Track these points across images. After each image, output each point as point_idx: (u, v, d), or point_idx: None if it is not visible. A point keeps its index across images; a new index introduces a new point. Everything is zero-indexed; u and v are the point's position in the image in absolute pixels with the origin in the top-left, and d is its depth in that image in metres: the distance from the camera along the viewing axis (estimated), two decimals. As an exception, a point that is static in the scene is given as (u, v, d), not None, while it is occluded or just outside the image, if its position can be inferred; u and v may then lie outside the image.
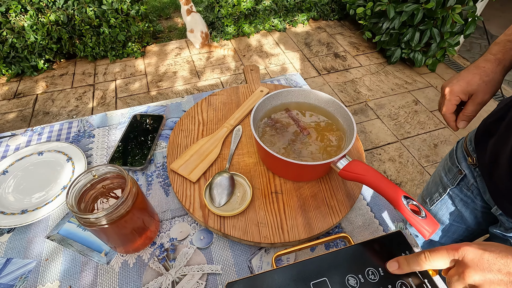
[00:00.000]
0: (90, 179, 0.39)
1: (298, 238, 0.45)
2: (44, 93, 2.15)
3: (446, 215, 0.67)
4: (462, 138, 0.65)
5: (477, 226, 0.64)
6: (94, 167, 0.39)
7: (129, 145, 0.61)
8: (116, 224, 0.38)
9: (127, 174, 0.38)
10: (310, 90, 0.58)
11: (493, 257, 0.31)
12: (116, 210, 0.36)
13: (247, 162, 0.55)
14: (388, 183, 0.40)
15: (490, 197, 0.55)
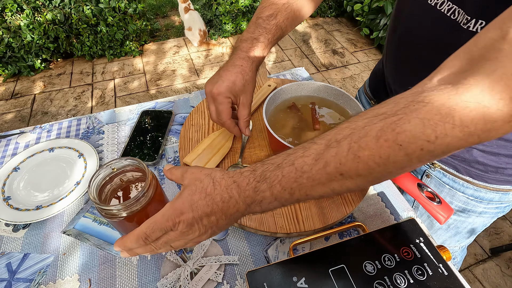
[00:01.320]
0: (109, 173, 0.40)
1: (313, 228, 0.46)
2: (42, 93, 2.13)
3: None
4: (362, 86, 0.74)
5: None
6: (113, 160, 0.39)
7: (140, 140, 0.61)
8: (136, 216, 0.38)
9: (146, 167, 0.38)
10: (320, 83, 0.58)
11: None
12: (137, 202, 0.37)
13: (259, 155, 0.56)
14: (403, 171, 0.41)
15: None
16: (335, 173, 0.29)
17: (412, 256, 0.41)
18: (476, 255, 1.32)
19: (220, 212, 0.32)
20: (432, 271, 0.39)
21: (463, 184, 0.55)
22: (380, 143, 0.27)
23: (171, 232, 0.33)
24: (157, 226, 0.32)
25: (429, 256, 0.41)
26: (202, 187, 0.33)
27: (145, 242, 0.33)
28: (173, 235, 0.33)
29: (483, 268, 1.27)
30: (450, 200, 0.58)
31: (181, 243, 0.34)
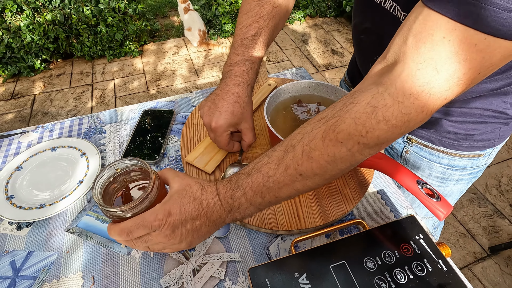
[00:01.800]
0: (113, 173, 0.40)
1: (314, 225, 0.47)
2: (42, 94, 2.14)
3: None
4: (343, 76, 0.79)
5: None
6: (117, 161, 0.40)
7: (142, 139, 0.62)
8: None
9: (149, 167, 0.39)
10: (321, 82, 0.59)
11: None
12: (141, 203, 0.37)
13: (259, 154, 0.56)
14: (403, 169, 0.42)
15: None
16: (295, 174, 0.33)
17: (412, 252, 0.41)
18: (475, 253, 1.33)
19: (204, 217, 0.35)
20: (431, 267, 0.40)
21: (439, 155, 0.59)
22: (325, 143, 0.32)
23: (154, 233, 0.34)
24: (143, 223, 0.33)
25: (429, 252, 0.41)
26: (191, 192, 0.36)
27: (127, 237, 0.34)
28: (155, 236, 0.34)
29: (482, 267, 1.28)
30: (429, 172, 0.63)
31: (159, 246, 0.35)
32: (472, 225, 1.42)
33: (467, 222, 1.43)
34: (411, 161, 0.64)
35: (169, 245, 0.35)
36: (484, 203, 1.50)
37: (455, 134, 0.55)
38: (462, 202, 1.51)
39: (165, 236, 0.34)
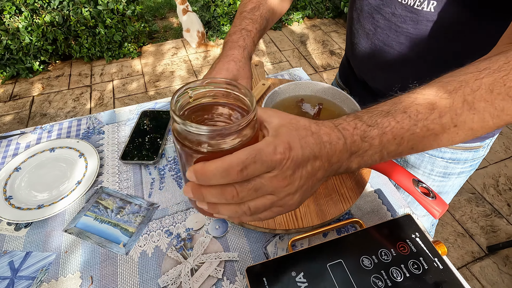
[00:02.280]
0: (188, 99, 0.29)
1: (312, 224, 0.47)
2: (40, 95, 2.14)
3: None
4: (334, 79, 0.81)
5: None
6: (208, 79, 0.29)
7: (140, 140, 0.62)
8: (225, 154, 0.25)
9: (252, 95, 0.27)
10: (317, 82, 0.59)
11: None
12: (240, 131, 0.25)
13: (258, 154, 0.57)
14: (399, 168, 0.42)
15: None
16: (449, 124, 0.29)
17: (408, 251, 0.42)
18: (474, 253, 1.33)
19: (325, 156, 0.27)
20: (427, 265, 0.40)
21: (441, 149, 0.59)
22: (493, 95, 0.28)
23: (268, 175, 0.25)
24: (260, 157, 0.24)
25: (425, 250, 0.42)
26: (303, 125, 0.28)
27: (237, 176, 0.24)
28: (269, 180, 0.25)
29: (480, 266, 1.29)
30: (431, 168, 0.62)
31: (267, 201, 0.26)
32: (470, 225, 1.43)
33: (465, 222, 1.44)
34: (413, 157, 0.64)
35: (282, 197, 0.26)
36: (482, 203, 1.51)
37: None
38: (460, 202, 1.51)
39: (284, 179, 0.25)
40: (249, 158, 0.24)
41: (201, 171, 0.24)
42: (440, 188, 0.67)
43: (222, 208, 0.26)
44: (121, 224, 0.50)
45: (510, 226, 1.42)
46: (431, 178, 0.66)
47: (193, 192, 0.26)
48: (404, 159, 0.65)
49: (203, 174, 0.24)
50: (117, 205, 0.53)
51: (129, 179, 0.57)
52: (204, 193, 0.25)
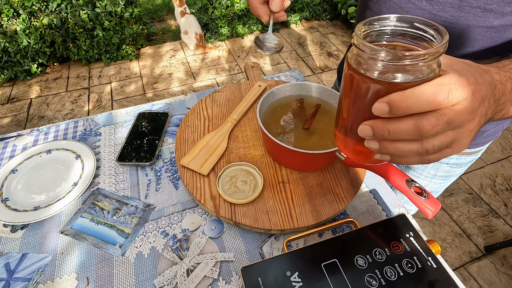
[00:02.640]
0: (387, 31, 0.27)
1: (307, 224, 0.47)
2: (38, 97, 2.13)
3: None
4: (335, 80, 0.80)
5: None
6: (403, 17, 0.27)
7: (137, 141, 0.62)
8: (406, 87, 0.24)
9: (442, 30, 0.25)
10: (312, 83, 0.60)
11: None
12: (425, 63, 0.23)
13: (254, 155, 0.57)
14: (392, 168, 0.43)
15: None
16: None
17: (402, 250, 0.42)
18: (471, 253, 1.34)
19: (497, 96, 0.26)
20: (421, 264, 0.40)
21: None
22: None
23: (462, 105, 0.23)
24: (461, 83, 0.23)
25: (419, 249, 0.42)
26: (473, 63, 0.26)
27: (443, 101, 0.23)
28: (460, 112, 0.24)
29: (478, 266, 1.29)
30: (434, 173, 0.63)
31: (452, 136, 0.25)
32: (468, 225, 1.43)
33: (462, 222, 1.44)
34: (416, 165, 0.63)
35: (461, 135, 0.25)
36: (479, 203, 1.52)
37: None
38: (458, 202, 1.52)
39: (471, 112, 0.24)
40: (452, 83, 0.23)
41: (403, 98, 0.23)
42: (438, 187, 0.68)
43: (401, 146, 0.25)
44: (117, 225, 0.50)
45: (507, 226, 1.42)
46: (432, 182, 0.66)
47: (376, 127, 0.25)
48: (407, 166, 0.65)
49: (404, 101, 0.23)
50: (113, 207, 0.53)
51: (126, 180, 0.57)
52: (391, 128, 0.24)
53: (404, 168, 0.67)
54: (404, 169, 0.68)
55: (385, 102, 0.24)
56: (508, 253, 1.32)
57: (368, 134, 0.26)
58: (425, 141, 0.24)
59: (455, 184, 1.60)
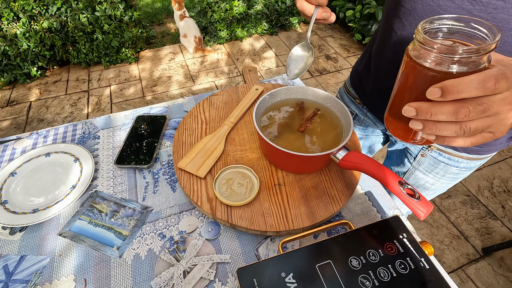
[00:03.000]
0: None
1: (302, 226, 0.48)
2: (38, 100, 2.14)
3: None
4: (340, 87, 0.82)
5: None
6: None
7: (135, 144, 0.63)
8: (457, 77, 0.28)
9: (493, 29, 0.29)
10: (308, 87, 0.61)
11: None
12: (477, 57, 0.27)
13: (250, 157, 0.58)
14: (385, 170, 0.44)
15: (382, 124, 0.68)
16: None
17: (395, 251, 0.42)
18: (469, 254, 1.34)
19: None
20: (414, 265, 0.41)
21: (458, 160, 0.61)
22: None
23: (502, 96, 0.27)
24: (506, 75, 0.26)
25: (412, 251, 0.42)
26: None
27: (491, 87, 0.26)
28: (499, 103, 0.27)
29: (476, 268, 1.29)
30: (443, 174, 0.65)
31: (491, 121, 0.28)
32: (465, 227, 1.44)
33: (460, 224, 1.45)
34: (426, 164, 0.65)
35: (500, 121, 0.28)
36: (477, 205, 1.52)
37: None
38: (455, 204, 1.53)
39: (510, 103, 0.27)
40: (500, 74, 0.26)
41: (454, 84, 0.26)
42: (442, 188, 0.69)
43: (443, 125, 0.28)
44: (115, 227, 0.51)
45: (504, 228, 1.43)
46: (440, 181, 0.67)
47: (420, 109, 0.29)
48: (418, 162, 0.66)
49: (455, 86, 0.26)
50: (111, 209, 0.53)
51: (124, 183, 0.58)
52: (433, 110, 0.28)
53: (416, 163, 0.67)
54: (417, 163, 0.67)
55: (438, 87, 0.27)
56: (505, 254, 1.33)
57: (411, 114, 0.30)
58: (464, 123, 0.28)
59: (452, 186, 1.60)
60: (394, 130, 0.37)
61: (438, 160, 0.63)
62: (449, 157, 0.61)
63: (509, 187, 1.60)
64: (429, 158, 0.64)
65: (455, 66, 0.28)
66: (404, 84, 0.33)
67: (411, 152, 0.68)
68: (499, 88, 0.26)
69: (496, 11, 0.40)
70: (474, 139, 0.29)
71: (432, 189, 0.70)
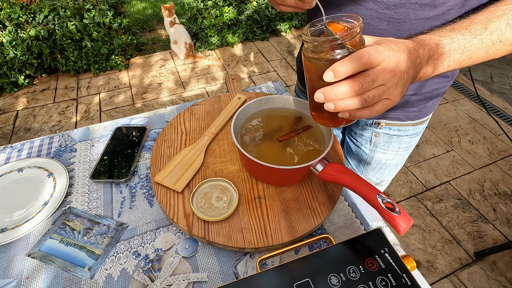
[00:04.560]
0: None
1: (282, 242, 0.46)
2: (25, 109, 2.10)
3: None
4: (295, 85, 0.85)
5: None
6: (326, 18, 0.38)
7: (112, 157, 0.61)
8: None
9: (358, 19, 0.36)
10: (288, 96, 0.59)
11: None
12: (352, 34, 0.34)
13: (230, 169, 0.56)
14: (364, 183, 0.42)
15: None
16: (497, 40, 0.40)
17: (376, 267, 0.41)
18: (461, 259, 1.33)
19: (413, 59, 0.35)
20: (395, 281, 0.39)
21: (406, 129, 0.67)
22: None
23: (381, 66, 0.33)
24: (377, 49, 0.33)
25: (393, 266, 0.41)
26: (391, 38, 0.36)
27: (367, 59, 0.32)
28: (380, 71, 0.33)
29: (468, 273, 1.28)
30: (398, 146, 0.70)
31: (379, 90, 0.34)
32: (457, 231, 1.43)
33: (452, 228, 1.44)
34: (382, 142, 0.70)
35: (390, 87, 0.34)
36: (468, 208, 1.52)
37: (418, 106, 0.63)
38: (447, 208, 1.52)
39: (391, 70, 0.33)
40: (372, 49, 0.33)
41: (339, 64, 0.33)
42: (402, 160, 0.75)
43: (347, 101, 0.34)
44: (88, 246, 0.49)
45: (496, 231, 1.43)
46: (398, 154, 0.73)
47: (326, 92, 0.35)
48: (374, 144, 0.70)
49: (340, 65, 0.33)
50: (84, 226, 0.51)
51: (99, 198, 0.55)
52: (335, 91, 0.34)
53: (373, 146, 0.71)
54: (373, 146, 0.71)
55: (330, 70, 0.33)
56: (497, 258, 1.32)
57: (321, 98, 0.35)
58: (363, 94, 0.34)
59: (444, 190, 1.60)
60: (321, 121, 0.43)
61: (390, 135, 0.68)
62: (398, 128, 0.67)
63: (500, 190, 1.60)
64: (382, 136, 0.69)
65: (336, 52, 0.34)
66: (309, 79, 0.39)
67: (365, 138, 0.72)
68: (374, 60, 0.32)
69: (396, 7, 0.47)
70: (378, 107, 0.35)
71: (393, 165, 0.76)
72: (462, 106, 2.12)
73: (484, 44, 0.40)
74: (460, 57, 0.40)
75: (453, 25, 0.41)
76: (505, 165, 1.73)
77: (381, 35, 0.51)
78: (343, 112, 0.37)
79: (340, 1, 0.52)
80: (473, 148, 1.82)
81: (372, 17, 0.50)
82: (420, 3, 0.46)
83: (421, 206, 1.53)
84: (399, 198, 1.57)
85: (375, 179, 0.80)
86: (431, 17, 0.47)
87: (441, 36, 0.39)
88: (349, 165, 0.81)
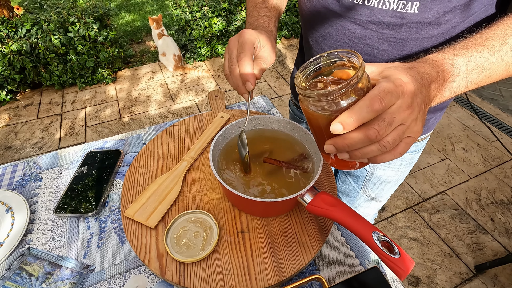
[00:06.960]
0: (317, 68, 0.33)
1: (267, 285, 0.41)
2: (6, 126, 2.02)
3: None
4: (289, 100, 0.82)
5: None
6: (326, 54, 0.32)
7: (81, 187, 0.55)
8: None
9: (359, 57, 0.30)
10: (273, 117, 0.55)
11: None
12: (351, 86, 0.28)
13: (211, 199, 0.51)
14: (358, 218, 0.37)
15: None
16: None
17: (375, 316, 0.36)
18: (462, 274, 1.28)
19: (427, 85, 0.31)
20: (397, 333, 0.34)
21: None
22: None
23: (393, 107, 0.28)
24: (389, 90, 0.28)
25: (394, 314, 0.36)
26: (399, 65, 0.32)
27: (379, 105, 0.27)
28: (396, 110, 0.28)
29: (470, 288, 1.23)
30: (400, 163, 0.67)
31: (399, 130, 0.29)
32: (456, 243, 1.39)
33: (450, 240, 1.40)
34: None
35: (409, 124, 0.29)
36: (466, 219, 1.48)
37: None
38: (444, 219, 1.48)
39: (407, 107, 0.29)
40: (381, 92, 0.28)
41: (347, 116, 0.28)
42: (403, 176, 0.72)
43: (365, 150, 0.29)
44: (45, 296, 0.42)
45: (495, 242, 1.39)
46: (400, 171, 0.70)
47: (337, 144, 0.30)
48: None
49: (349, 117, 0.28)
50: (44, 271, 0.45)
51: (63, 236, 0.49)
52: (348, 141, 0.29)
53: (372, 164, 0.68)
54: (373, 165, 0.69)
55: (337, 122, 0.28)
56: (498, 271, 1.28)
57: (333, 150, 0.31)
58: (380, 141, 0.29)
59: (440, 200, 1.56)
60: (333, 164, 0.37)
61: None
62: None
63: (497, 199, 1.57)
64: None
65: (341, 102, 0.29)
66: (313, 128, 0.34)
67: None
68: (387, 103, 0.28)
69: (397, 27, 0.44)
70: (400, 148, 0.30)
71: (394, 181, 0.72)
72: (454, 113, 2.11)
73: (504, 61, 0.36)
74: (478, 77, 0.36)
75: (466, 41, 0.37)
76: (500, 172, 1.70)
77: (382, 55, 0.48)
78: (361, 160, 0.32)
79: (337, 21, 0.49)
80: (467, 156, 1.80)
81: (371, 37, 0.47)
82: (423, 22, 0.42)
83: (418, 218, 1.49)
84: (395, 210, 1.52)
85: (374, 195, 0.76)
86: (435, 35, 0.44)
87: (455, 55, 0.35)
88: (346, 180, 0.77)
